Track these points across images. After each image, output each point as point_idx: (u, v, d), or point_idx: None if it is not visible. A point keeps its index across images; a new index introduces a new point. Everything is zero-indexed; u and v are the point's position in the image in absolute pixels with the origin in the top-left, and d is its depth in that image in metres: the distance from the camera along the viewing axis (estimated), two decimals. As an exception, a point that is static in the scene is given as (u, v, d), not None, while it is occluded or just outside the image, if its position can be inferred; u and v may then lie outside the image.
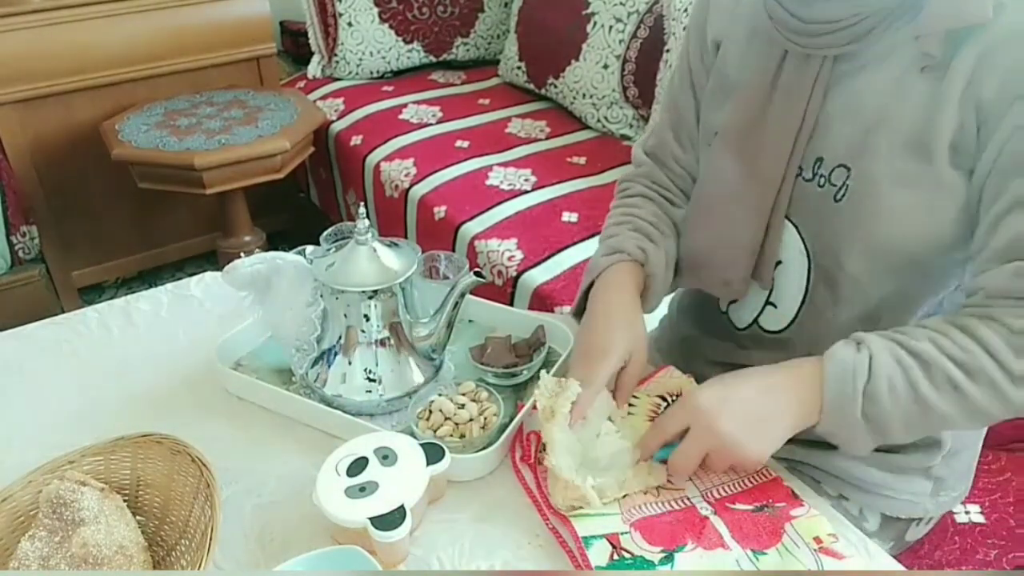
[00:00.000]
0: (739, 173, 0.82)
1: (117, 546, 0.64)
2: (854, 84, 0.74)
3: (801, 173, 0.78)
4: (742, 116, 0.82)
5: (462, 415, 0.80)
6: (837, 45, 0.73)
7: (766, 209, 0.80)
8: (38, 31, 2.03)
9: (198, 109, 2.17)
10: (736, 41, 0.85)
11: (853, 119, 0.74)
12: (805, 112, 0.76)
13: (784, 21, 0.76)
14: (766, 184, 0.79)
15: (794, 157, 0.78)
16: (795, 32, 0.75)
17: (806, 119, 0.76)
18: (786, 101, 0.77)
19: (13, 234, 2.02)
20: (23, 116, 2.09)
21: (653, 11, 1.99)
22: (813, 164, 0.77)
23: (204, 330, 0.98)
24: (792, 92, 0.77)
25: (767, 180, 0.79)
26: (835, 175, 0.75)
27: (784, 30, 0.76)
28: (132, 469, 0.73)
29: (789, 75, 0.77)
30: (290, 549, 0.69)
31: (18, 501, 0.69)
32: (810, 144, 0.77)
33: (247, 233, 2.20)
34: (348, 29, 2.45)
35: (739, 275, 0.83)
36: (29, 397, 0.89)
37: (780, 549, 0.66)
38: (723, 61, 0.86)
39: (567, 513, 0.70)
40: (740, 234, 0.82)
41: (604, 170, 1.92)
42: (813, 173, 0.77)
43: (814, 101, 0.76)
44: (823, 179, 0.76)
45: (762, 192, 0.80)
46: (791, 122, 0.77)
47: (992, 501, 1.00)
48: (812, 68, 0.75)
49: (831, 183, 0.76)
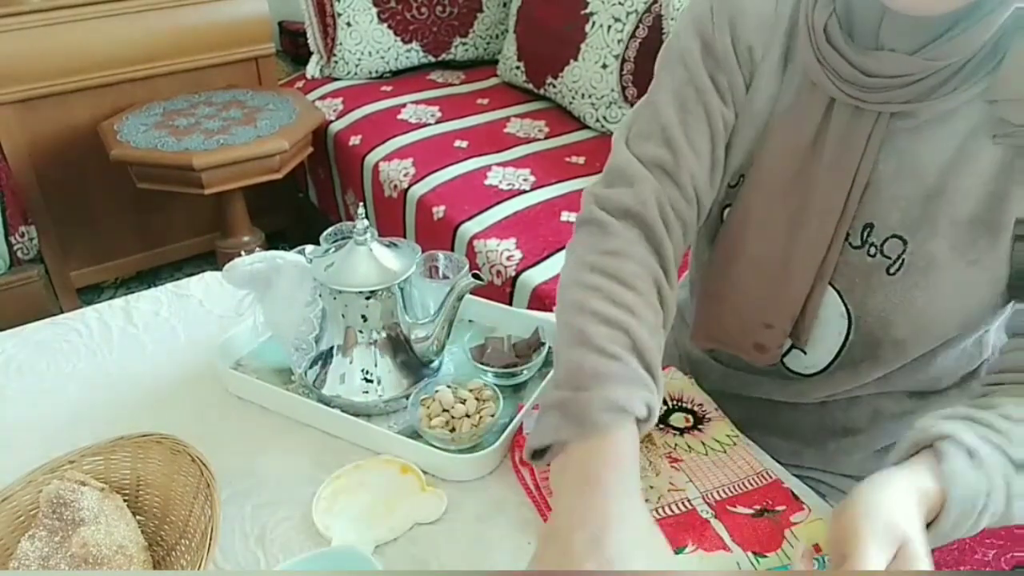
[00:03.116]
0: (781, 231, 0.73)
1: (117, 546, 0.64)
2: (911, 145, 0.66)
3: (848, 239, 0.71)
4: (782, 163, 0.71)
5: (458, 409, 0.80)
6: (896, 102, 0.64)
7: (810, 275, 0.72)
8: (37, 31, 2.03)
9: (197, 109, 2.17)
10: (771, 61, 0.72)
11: (909, 185, 0.67)
12: (856, 172, 0.68)
13: (839, 69, 0.66)
14: (812, 247, 0.71)
15: (843, 222, 0.70)
16: (849, 83, 0.66)
17: (857, 179, 0.68)
18: (835, 156, 0.68)
19: (12, 234, 2.02)
20: (22, 116, 2.09)
21: (652, 11, 1.99)
22: (862, 231, 0.70)
23: (204, 330, 0.98)
24: (842, 147, 0.68)
25: (814, 243, 0.71)
26: (888, 246, 0.69)
27: (836, 79, 0.66)
28: (132, 469, 0.73)
29: (838, 127, 0.68)
30: (290, 549, 0.69)
31: (18, 501, 0.69)
32: (860, 208, 0.69)
33: (246, 233, 2.20)
34: (347, 29, 2.45)
35: (776, 342, 0.76)
36: (28, 397, 0.89)
37: (780, 555, 0.66)
38: (758, 82, 0.73)
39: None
40: (778, 301, 0.74)
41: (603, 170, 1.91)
42: (862, 240, 0.70)
43: (866, 160, 0.67)
44: (874, 248, 0.70)
45: (807, 256, 0.71)
46: (841, 182, 0.68)
47: (991, 501, 1.00)
48: (866, 123, 0.66)
49: (883, 254, 0.69)
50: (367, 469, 0.76)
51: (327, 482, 0.74)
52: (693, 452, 0.76)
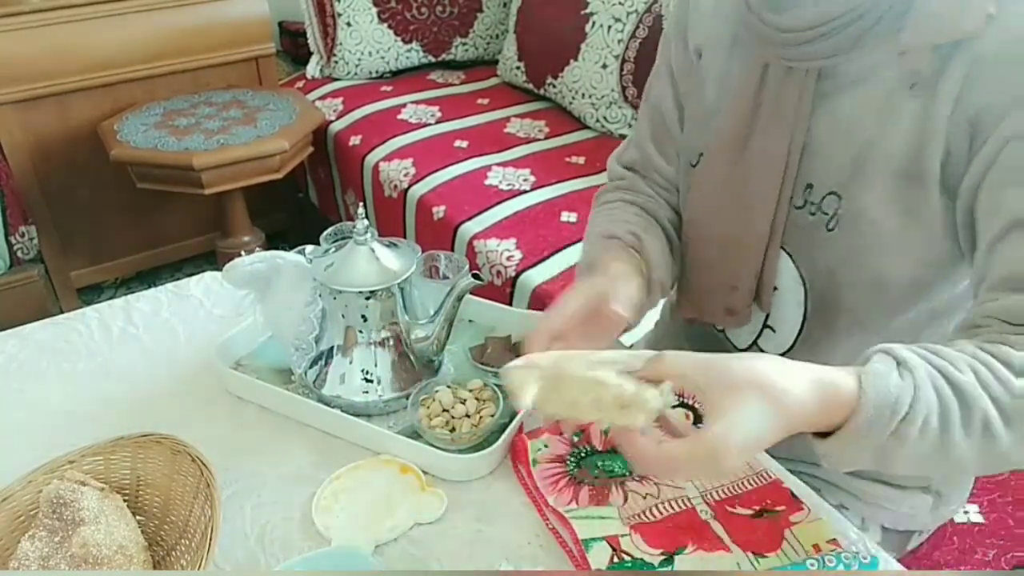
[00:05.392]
0: (731, 200, 0.78)
1: (117, 546, 0.64)
2: (839, 105, 0.70)
3: (792, 200, 0.75)
4: (728, 136, 0.77)
5: (458, 409, 0.80)
6: (818, 57, 0.69)
7: (762, 240, 0.76)
8: (37, 31, 2.03)
9: (197, 109, 2.17)
10: (717, 50, 0.80)
11: (840, 143, 0.70)
12: (792, 133, 0.72)
13: (760, 31, 0.72)
14: (760, 212, 0.76)
15: (784, 185, 0.74)
16: (772, 43, 0.71)
17: (794, 141, 0.72)
18: (771, 121, 0.73)
19: (12, 234, 2.02)
20: (22, 116, 2.09)
21: (652, 11, 2.00)
22: (804, 191, 0.74)
23: (204, 330, 0.98)
24: (777, 111, 0.73)
25: (760, 208, 0.75)
26: (826, 203, 0.72)
27: (762, 42, 0.72)
28: (132, 469, 0.73)
29: (772, 91, 0.73)
30: (290, 549, 0.69)
31: (18, 501, 0.69)
32: (799, 170, 0.73)
33: (246, 233, 2.20)
34: (347, 29, 2.45)
35: (742, 303, 0.80)
36: (28, 397, 0.89)
37: (780, 556, 0.66)
38: (705, 72, 0.81)
39: (566, 515, 0.70)
40: (738, 265, 0.79)
41: (603, 170, 1.89)
42: (804, 201, 0.74)
43: (800, 120, 0.72)
44: (814, 207, 0.73)
45: (756, 221, 0.76)
46: (779, 145, 0.73)
47: (991, 501, 1.00)
48: (795, 83, 0.71)
49: (823, 211, 0.73)
50: (367, 469, 0.76)
51: (327, 482, 0.74)
52: (693, 452, 0.76)
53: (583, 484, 0.73)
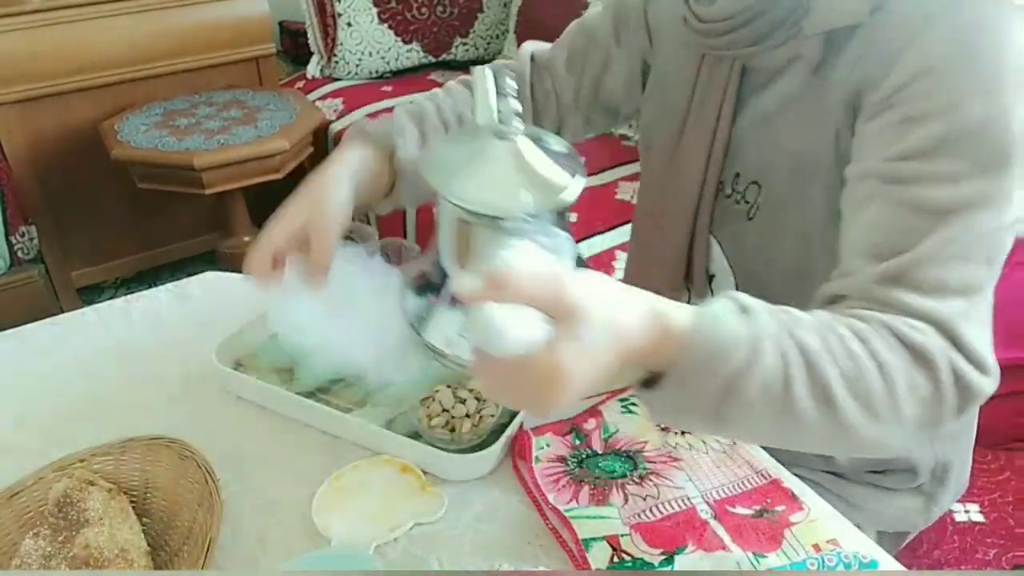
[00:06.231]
0: (664, 184, 0.81)
1: (119, 549, 0.64)
2: (761, 97, 0.73)
3: (722, 188, 0.77)
4: (668, 122, 0.80)
5: (458, 409, 0.80)
6: (738, 46, 0.71)
7: (687, 224, 0.79)
8: (37, 31, 2.03)
9: (197, 109, 2.17)
10: (669, 38, 0.83)
11: (761, 134, 0.73)
12: (718, 120, 0.75)
13: (691, 22, 0.75)
14: (686, 197, 0.78)
15: (711, 170, 0.76)
16: (699, 33, 0.74)
17: (719, 129, 0.75)
18: (701, 108, 0.76)
19: (12, 234, 2.03)
20: (22, 116, 2.09)
21: (652, 11, 2.00)
22: (732, 180, 0.76)
23: (204, 330, 0.98)
24: (706, 99, 0.76)
25: (686, 193, 0.78)
26: (749, 192, 0.75)
27: (694, 32, 0.75)
28: (141, 471, 0.73)
29: (704, 81, 0.76)
30: (290, 549, 0.69)
31: (27, 497, 0.69)
32: (729, 159, 0.76)
33: (246, 233, 2.20)
34: (347, 29, 2.45)
35: (666, 286, 0.82)
36: (28, 397, 0.89)
37: (780, 556, 0.66)
38: (658, 57, 0.85)
39: (567, 514, 0.70)
40: (664, 248, 0.81)
41: (603, 170, 1.91)
42: (731, 189, 0.76)
43: (726, 109, 0.74)
44: (739, 196, 0.76)
45: (683, 205, 0.79)
46: (705, 132, 0.76)
47: (991, 500, 1.00)
48: (723, 73, 0.74)
49: (745, 200, 0.75)
50: (367, 469, 0.76)
51: (327, 482, 0.74)
52: (693, 451, 0.77)
53: (584, 484, 0.73)
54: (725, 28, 0.71)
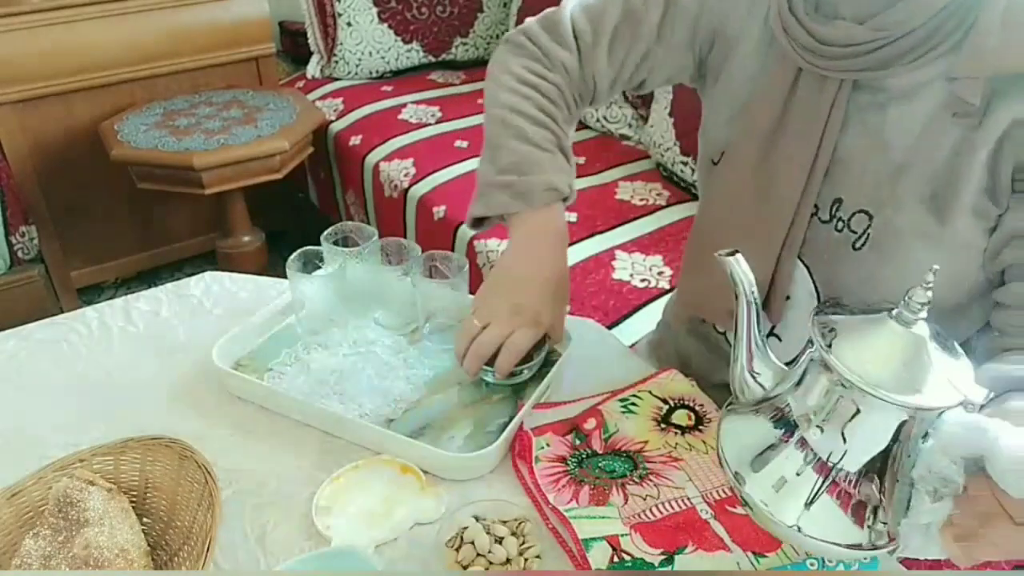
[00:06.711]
0: (750, 202, 0.76)
1: (119, 549, 0.64)
2: (876, 119, 0.68)
3: (817, 213, 0.72)
4: (754, 137, 0.75)
5: (497, 553, 0.65)
6: (854, 69, 0.66)
7: (776, 247, 0.74)
8: (37, 31, 2.03)
9: (197, 109, 2.17)
10: (749, 43, 0.77)
11: (877, 161, 0.68)
12: (821, 142, 0.70)
13: (798, 37, 0.69)
14: (777, 219, 0.73)
15: (808, 194, 0.71)
16: (809, 51, 0.69)
17: (821, 151, 0.70)
18: (800, 128, 0.71)
19: (12, 234, 2.03)
20: (22, 116, 2.09)
21: (652, 11, 1.99)
22: (831, 205, 0.71)
23: (204, 330, 0.98)
24: (807, 117, 0.70)
25: (779, 215, 0.73)
26: (855, 221, 0.70)
27: (798, 47, 0.70)
28: (141, 471, 0.73)
29: (803, 97, 0.70)
30: (290, 549, 0.69)
31: (28, 496, 0.69)
32: (828, 182, 0.71)
33: (246, 233, 2.21)
34: (347, 29, 2.45)
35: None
36: (27, 397, 0.89)
37: (780, 556, 0.66)
38: (734, 65, 0.79)
39: (567, 514, 0.70)
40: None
41: (603, 169, 1.92)
42: (831, 215, 0.71)
43: (830, 130, 0.69)
44: (841, 223, 0.71)
45: (773, 227, 0.74)
46: (806, 152, 0.70)
47: (991, 501, 1.00)
48: (829, 92, 0.68)
49: (850, 229, 0.70)
50: (367, 469, 0.76)
51: (327, 482, 0.74)
52: (694, 451, 0.77)
53: (583, 484, 0.73)
54: (847, 53, 0.66)
